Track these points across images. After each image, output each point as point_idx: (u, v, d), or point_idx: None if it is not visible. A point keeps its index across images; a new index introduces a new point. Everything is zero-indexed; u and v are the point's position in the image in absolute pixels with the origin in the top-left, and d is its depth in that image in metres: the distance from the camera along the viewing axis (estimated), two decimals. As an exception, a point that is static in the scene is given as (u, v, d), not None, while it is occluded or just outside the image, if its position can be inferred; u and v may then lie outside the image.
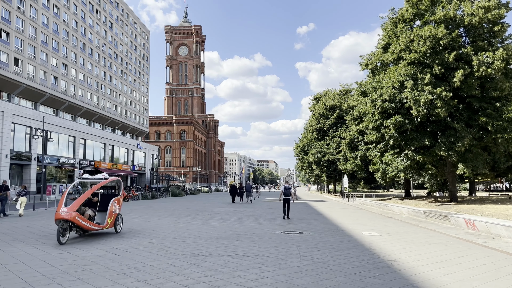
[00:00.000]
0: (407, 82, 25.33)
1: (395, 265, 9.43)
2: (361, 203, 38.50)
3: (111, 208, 14.12)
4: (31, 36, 52.95)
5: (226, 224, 18.48)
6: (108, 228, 14.14)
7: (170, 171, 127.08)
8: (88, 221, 12.72)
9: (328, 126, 60.64)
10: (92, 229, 13.11)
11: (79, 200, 12.63)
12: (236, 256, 10.37)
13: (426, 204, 28.90)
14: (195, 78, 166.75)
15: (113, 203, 14.31)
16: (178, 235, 14.50)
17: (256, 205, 34.94)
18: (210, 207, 32.01)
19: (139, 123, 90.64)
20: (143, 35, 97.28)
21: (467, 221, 17.32)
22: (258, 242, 12.75)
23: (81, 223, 12.36)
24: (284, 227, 17.21)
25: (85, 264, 9.18)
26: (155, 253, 10.65)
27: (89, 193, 13.20)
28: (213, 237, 14.00)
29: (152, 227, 17.15)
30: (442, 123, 25.87)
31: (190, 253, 10.77)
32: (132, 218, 21.32)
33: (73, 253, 10.61)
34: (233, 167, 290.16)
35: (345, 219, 21.81)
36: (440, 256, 10.57)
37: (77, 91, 64.01)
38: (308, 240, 13.34)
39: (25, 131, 47.50)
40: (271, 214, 24.28)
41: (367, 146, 36.60)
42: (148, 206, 32.38)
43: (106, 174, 15.02)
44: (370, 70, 33.80)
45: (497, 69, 23.43)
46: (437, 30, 24.70)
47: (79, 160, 58.48)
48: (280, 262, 9.60)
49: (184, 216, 22.65)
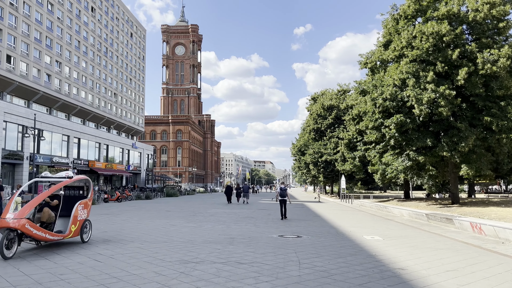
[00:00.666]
0: (409, 80, 24.51)
1: (404, 274, 8.60)
2: (359, 205, 37.70)
3: (76, 213, 11.93)
4: (24, 33, 51.93)
5: (221, 226, 17.61)
6: (72, 237, 11.88)
7: (166, 171, 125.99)
8: (42, 230, 10.47)
9: (325, 126, 59.90)
10: (48, 239, 10.86)
11: (31, 204, 10.55)
12: (229, 263, 9.51)
13: (427, 206, 28.13)
14: (191, 78, 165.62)
15: (79, 207, 12.17)
16: (169, 238, 13.61)
17: (252, 206, 34.09)
18: (205, 208, 31.13)
19: (134, 122, 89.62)
20: (139, 34, 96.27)
21: (473, 225, 16.52)
22: (254, 247, 11.89)
23: (33, 232, 10.14)
24: (281, 230, 16.36)
25: (62, 273, 8.29)
26: (141, 260, 9.77)
27: (45, 195, 11.04)
28: (206, 241, 13.13)
29: (142, 229, 16.25)
30: (445, 123, 25.07)
31: (180, 259, 9.90)
32: (121, 220, 20.37)
33: (52, 259, 9.72)
34: (229, 167, 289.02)
35: (344, 222, 21.00)
36: (451, 264, 9.74)
37: (71, 89, 62.98)
38: (307, 245, 12.50)
39: (17, 129, 46.46)
40: (267, 216, 23.43)
41: (366, 146, 35.80)
42: (140, 207, 31.47)
43: (71, 172, 12.82)
44: (370, 69, 33.00)
45: (502, 67, 22.67)
46: (441, 26, 23.92)
47: (73, 159, 57.38)
48: (278, 271, 8.75)
49: (177, 218, 21.75)
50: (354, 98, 34.16)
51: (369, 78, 33.09)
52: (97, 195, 40.24)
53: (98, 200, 38.23)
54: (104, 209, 29.39)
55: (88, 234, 12.93)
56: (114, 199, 40.58)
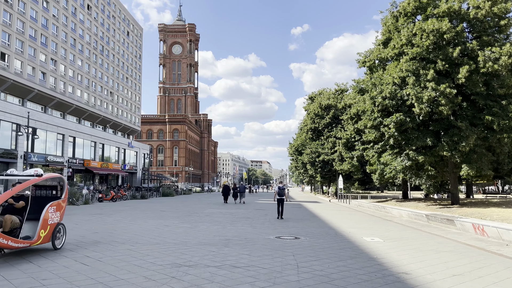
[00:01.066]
0: (409, 78, 24.04)
1: (408, 279, 8.13)
2: (357, 205, 37.28)
3: (46, 216, 10.41)
4: (19, 30, 51.25)
5: (216, 227, 17.10)
6: (42, 243, 10.39)
7: (162, 170, 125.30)
8: (4, 236, 9.02)
9: (323, 125, 59.47)
10: (12, 247, 9.41)
11: None
12: (224, 267, 9.01)
13: (426, 207, 27.70)
14: (188, 77, 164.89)
15: (50, 209, 10.64)
16: (162, 240, 13.10)
17: (249, 206, 33.59)
18: (200, 208, 30.61)
19: (130, 121, 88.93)
20: (136, 32, 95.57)
21: (475, 226, 16.09)
22: (250, 250, 11.40)
23: None
24: (278, 231, 15.87)
25: (45, 278, 7.77)
26: (131, 263, 9.25)
27: (6, 196, 9.40)
28: (200, 243, 12.62)
29: (135, 230, 15.72)
30: (445, 122, 24.62)
31: (172, 263, 9.39)
32: (114, 220, 19.84)
33: (37, 262, 9.20)
34: (226, 167, 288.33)
35: (342, 222, 20.54)
36: (456, 268, 9.27)
37: (67, 88, 62.30)
38: (305, 247, 12.02)
39: (11, 128, 45.83)
40: (264, 216, 22.94)
41: (364, 146, 35.32)
42: (135, 207, 30.93)
43: (40, 169, 11.31)
44: (368, 67, 32.53)
45: (504, 65, 22.23)
46: (441, 24, 23.45)
47: (68, 158, 56.72)
48: (275, 275, 8.26)
49: (172, 218, 21.23)
50: (353, 97, 33.69)
51: (367, 77, 32.63)
52: (92, 194, 39.70)
53: (92, 200, 37.68)
54: (98, 209, 28.83)
55: (62, 240, 11.31)
56: (109, 198, 40.03)
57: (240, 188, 40.03)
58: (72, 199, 32.97)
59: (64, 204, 11.56)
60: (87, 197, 35.30)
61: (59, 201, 11.27)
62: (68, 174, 55.79)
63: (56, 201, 11.11)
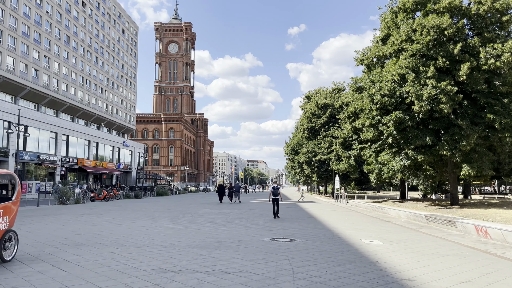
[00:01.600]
0: (409, 76, 23.39)
1: (413, 287, 7.46)
2: (354, 205, 36.67)
3: None
4: (11, 26, 50.37)
5: (208, 228, 16.39)
6: None
7: (157, 170, 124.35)
8: None
9: (320, 125, 58.88)
10: None
11: None
12: (214, 272, 8.32)
13: (425, 207, 27.10)
14: (184, 76, 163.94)
15: None
16: (150, 242, 12.39)
17: (244, 206, 32.90)
18: (194, 208, 29.89)
19: (125, 120, 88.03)
20: (131, 30, 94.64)
21: (477, 228, 15.47)
22: (242, 253, 10.71)
23: None
24: (273, 233, 15.19)
25: (15, 286, 7.07)
26: (113, 268, 8.54)
27: None
28: (190, 245, 11.92)
29: (123, 231, 14.99)
30: (445, 120, 23.99)
31: (157, 268, 8.69)
32: (103, 221, 19.09)
33: (10, 267, 8.46)
34: (222, 166, 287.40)
35: (340, 223, 19.88)
36: (463, 274, 8.62)
37: (60, 85, 61.40)
38: (301, 250, 11.34)
39: (3, 126, 44.99)
40: (259, 217, 22.27)
41: (362, 145, 34.71)
42: (127, 207, 30.18)
43: None
44: (366, 65, 31.94)
45: (506, 62, 21.62)
46: (442, 19, 22.83)
47: (61, 157, 55.86)
48: (269, 282, 7.58)
49: (163, 219, 20.50)
50: (350, 95, 33.05)
51: (365, 75, 32.03)
52: (84, 193, 38.93)
53: (84, 199, 36.92)
54: (88, 208, 28.07)
55: (12, 250, 9.34)
56: (101, 198, 39.27)
57: (235, 188, 39.47)
58: (63, 199, 32.21)
59: (15, 207, 9.61)
60: (79, 196, 34.51)
61: (9, 204, 9.32)
62: (62, 173, 54.97)
63: (5, 203, 9.16)
